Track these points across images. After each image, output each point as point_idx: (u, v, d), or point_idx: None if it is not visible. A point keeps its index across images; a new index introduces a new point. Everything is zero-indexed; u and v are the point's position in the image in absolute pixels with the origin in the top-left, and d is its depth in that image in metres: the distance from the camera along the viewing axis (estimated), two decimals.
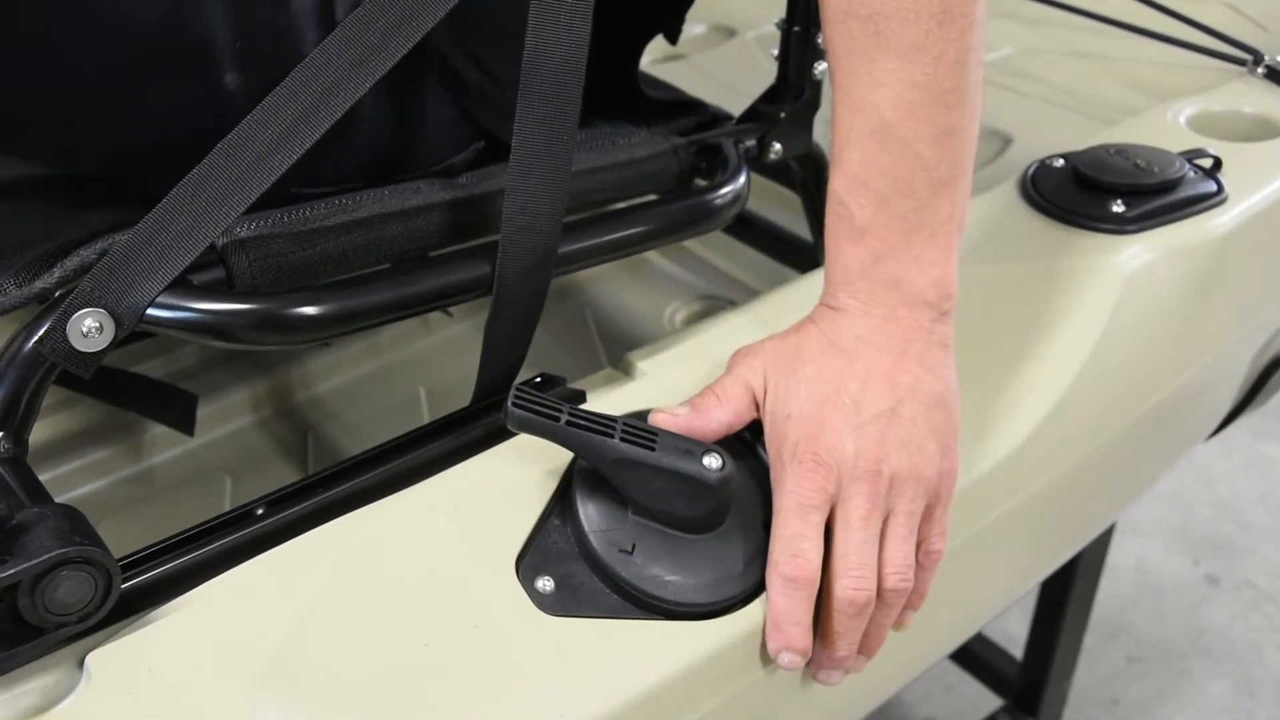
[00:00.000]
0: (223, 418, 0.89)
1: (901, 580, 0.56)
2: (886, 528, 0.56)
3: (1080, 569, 1.30)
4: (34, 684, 0.49)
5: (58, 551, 0.46)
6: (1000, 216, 0.81)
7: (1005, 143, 1.05)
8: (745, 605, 0.56)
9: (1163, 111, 0.93)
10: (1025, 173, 0.84)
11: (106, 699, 0.48)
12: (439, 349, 0.97)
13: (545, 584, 0.54)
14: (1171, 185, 0.79)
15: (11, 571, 0.45)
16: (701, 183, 0.76)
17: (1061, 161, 0.83)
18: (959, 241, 0.59)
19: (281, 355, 0.92)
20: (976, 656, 1.51)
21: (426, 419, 0.85)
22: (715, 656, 0.54)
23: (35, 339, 0.53)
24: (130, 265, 0.53)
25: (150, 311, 0.54)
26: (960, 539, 0.65)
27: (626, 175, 0.73)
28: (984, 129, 0.77)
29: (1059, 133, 1.01)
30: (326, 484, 0.60)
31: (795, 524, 0.55)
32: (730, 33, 1.31)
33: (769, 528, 0.56)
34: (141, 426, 0.86)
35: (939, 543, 0.58)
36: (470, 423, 0.64)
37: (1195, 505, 2.01)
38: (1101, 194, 0.79)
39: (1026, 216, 0.80)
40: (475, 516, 0.57)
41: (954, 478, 0.58)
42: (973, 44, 0.56)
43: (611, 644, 0.53)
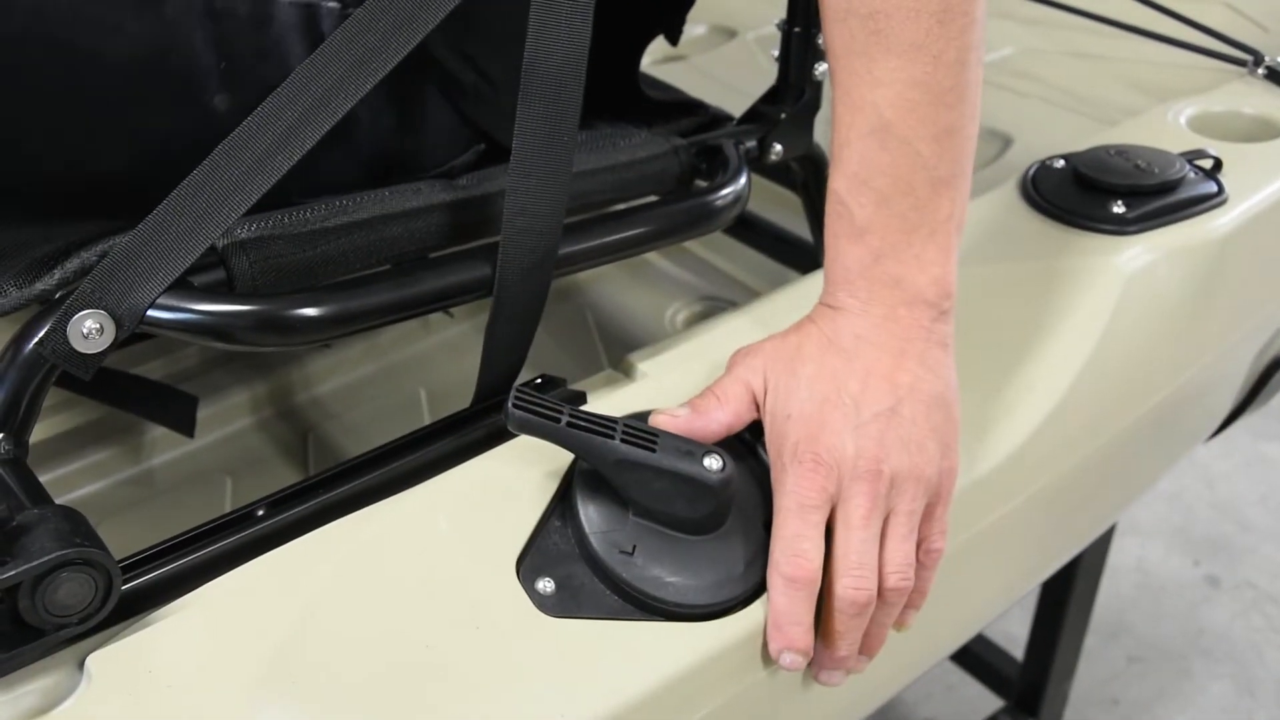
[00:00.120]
0: (223, 419, 0.88)
1: (902, 579, 0.56)
2: (887, 527, 0.56)
3: (1081, 569, 1.30)
4: (34, 685, 0.49)
5: (58, 553, 0.46)
6: (1000, 217, 0.81)
7: (1005, 143, 1.05)
8: (746, 606, 0.56)
9: (1163, 112, 0.93)
10: (1025, 173, 0.84)
11: (107, 700, 0.48)
12: (440, 350, 0.97)
13: (546, 585, 0.54)
14: (1172, 186, 0.79)
15: (12, 573, 0.45)
16: (702, 184, 0.76)
17: (1062, 162, 0.83)
18: (959, 241, 0.59)
19: (282, 356, 0.92)
20: (977, 657, 1.51)
21: (427, 420, 0.85)
22: (716, 657, 0.54)
23: (36, 340, 0.53)
24: (131, 266, 0.53)
25: (151, 313, 0.54)
26: (961, 540, 0.65)
27: (627, 176, 0.73)
28: (984, 129, 0.77)
29: (1059, 133, 1.01)
30: (327, 485, 0.60)
31: (796, 524, 0.55)
32: (731, 33, 1.31)
33: (770, 528, 0.56)
34: (142, 428, 0.86)
35: (939, 541, 0.58)
36: (471, 424, 0.64)
37: (1195, 505, 2.01)
38: (1102, 195, 0.79)
39: (1027, 217, 0.80)
40: (476, 517, 0.57)
41: (954, 476, 0.58)
42: (973, 43, 0.56)
43: (612, 645, 0.53)
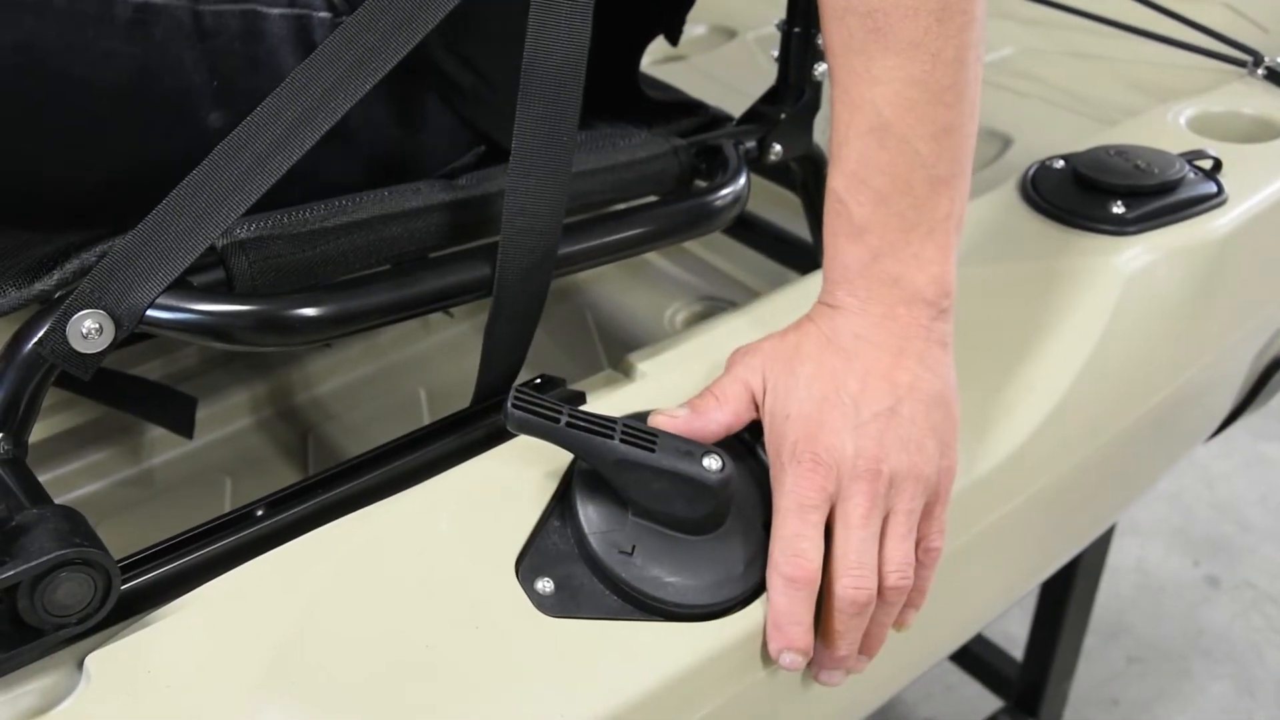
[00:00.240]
0: (223, 419, 0.88)
1: (902, 578, 0.56)
2: (886, 526, 0.56)
3: (1080, 570, 1.30)
4: (33, 685, 0.49)
5: (57, 553, 0.46)
6: (1000, 217, 0.81)
7: (1005, 143, 1.05)
8: (746, 606, 0.56)
9: (1163, 112, 0.93)
10: (1025, 174, 0.84)
11: (106, 700, 0.48)
12: (439, 350, 0.97)
13: (545, 585, 0.54)
14: (1171, 186, 0.79)
15: (11, 573, 0.45)
16: (702, 184, 0.76)
17: (1061, 162, 0.83)
18: (958, 239, 0.58)
19: (281, 356, 0.92)
20: (977, 657, 1.51)
21: (427, 420, 0.85)
22: (716, 657, 0.54)
23: (35, 340, 0.53)
24: (130, 267, 0.53)
25: (150, 313, 0.54)
26: (961, 540, 0.65)
27: (627, 176, 0.73)
28: (984, 130, 0.77)
29: (1059, 133, 1.01)
30: (326, 485, 0.60)
31: (795, 524, 0.55)
32: (731, 34, 1.31)
33: (769, 528, 0.56)
34: (141, 428, 0.86)
35: (938, 540, 0.58)
36: (470, 424, 0.64)
37: (1195, 506, 2.01)
38: (1101, 195, 0.79)
39: (1026, 217, 0.80)
40: (475, 518, 0.57)
41: (953, 476, 0.58)
42: (972, 41, 0.56)
43: (611, 645, 0.53)
